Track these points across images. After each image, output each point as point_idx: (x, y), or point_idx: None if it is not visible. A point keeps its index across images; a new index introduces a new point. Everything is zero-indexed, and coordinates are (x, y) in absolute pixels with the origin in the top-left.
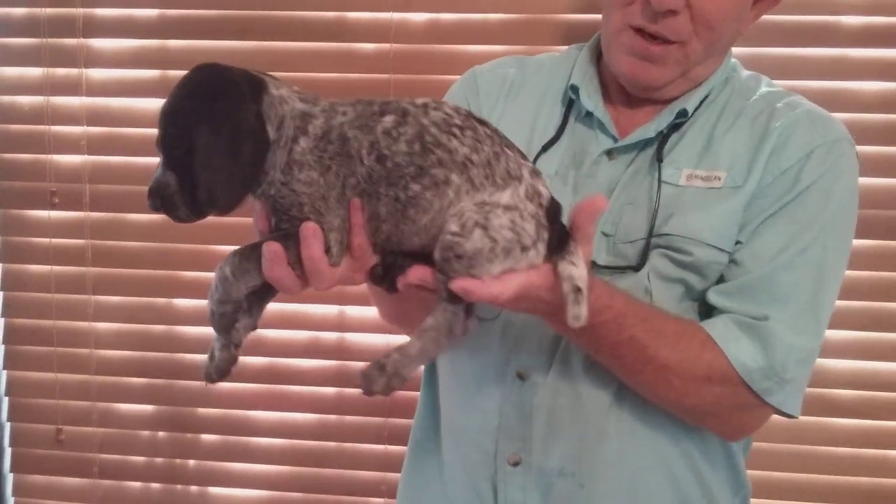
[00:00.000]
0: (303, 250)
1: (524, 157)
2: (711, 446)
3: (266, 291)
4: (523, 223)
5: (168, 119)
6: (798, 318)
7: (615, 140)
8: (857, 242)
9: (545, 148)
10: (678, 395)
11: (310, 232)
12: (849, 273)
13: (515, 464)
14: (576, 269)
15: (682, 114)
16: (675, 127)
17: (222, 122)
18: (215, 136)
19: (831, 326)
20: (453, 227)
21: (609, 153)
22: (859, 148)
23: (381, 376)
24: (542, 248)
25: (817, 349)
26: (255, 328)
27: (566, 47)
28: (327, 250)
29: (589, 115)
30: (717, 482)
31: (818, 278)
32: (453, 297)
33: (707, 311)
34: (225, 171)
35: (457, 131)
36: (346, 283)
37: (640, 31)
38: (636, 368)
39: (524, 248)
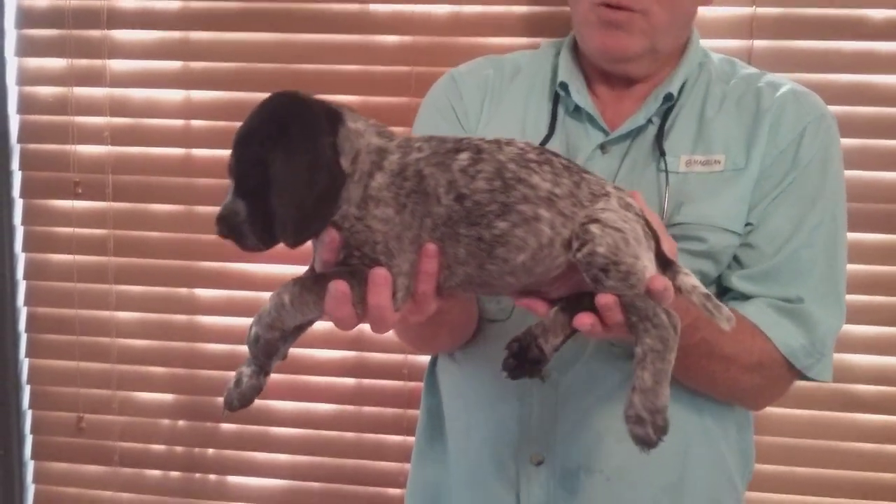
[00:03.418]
0: (370, 296)
1: (603, 179)
2: (729, 429)
3: (308, 322)
4: (631, 223)
5: (242, 146)
6: (825, 294)
7: (606, 133)
8: (884, 237)
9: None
10: (733, 382)
11: (381, 279)
12: (874, 268)
13: (539, 463)
14: (695, 280)
15: (668, 98)
16: (665, 116)
17: (299, 153)
18: (292, 167)
19: (854, 322)
20: (574, 244)
21: (602, 147)
22: (887, 142)
23: (644, 426)
24: (653, 255)
25: (844, 320)
26: (285, 357)
27: (544, 42)
28: (393, 295)
29: (577, 110)
30: (733, 463)
31: (833, 250)
32: (637, 314)
33: (719, 295)
34: (300, 203)
35: (535, 166)
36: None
37: (605, 6)
38: (700, 364)
39: (647, 247)
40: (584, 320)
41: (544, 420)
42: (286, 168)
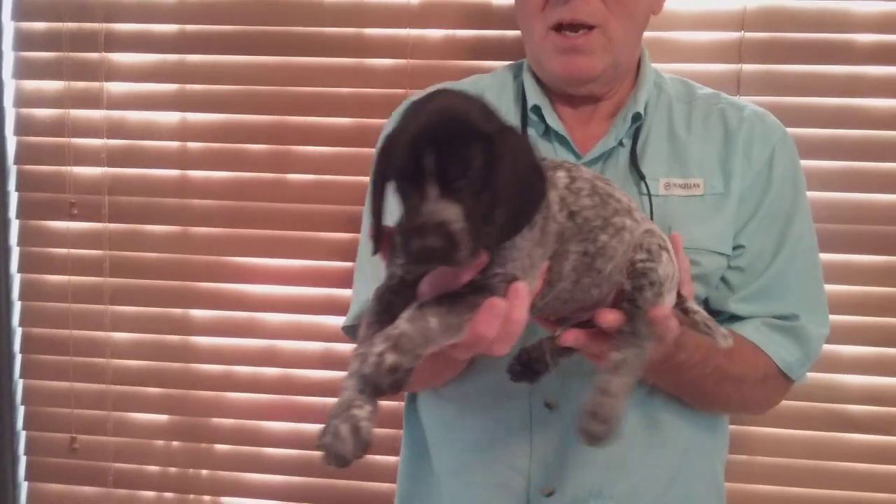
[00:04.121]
0: (514, 311)
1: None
2: (720, 442)
3: None
4: (674, 263)
5: (454, 144)
6: (813, 304)
7: (577, 156)
8: (873, 258)
9: None
10: (745, 398)
11: (524, 292)
12: (864, 289)
13: (550, 494)
14: (698, 307)
15: (636, 117)
16: (634, 136)
17: (525, 152)
18: (521, 168)
19: (845, 342)
20: (641, 254)
21: None
22: (874, 165)
23: (601, 424)
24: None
25: (828, 324)
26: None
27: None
28: None
29: (546, 134)
30: (721, 473)
31: (814, 259)
32: (633, 326)
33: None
34: (521, 206)
35: (610, 181)
36: None
37: (559, 29)
38: (716, 390)
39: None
40: (568, 336)
41: (556, 450)
42: (516, 168)
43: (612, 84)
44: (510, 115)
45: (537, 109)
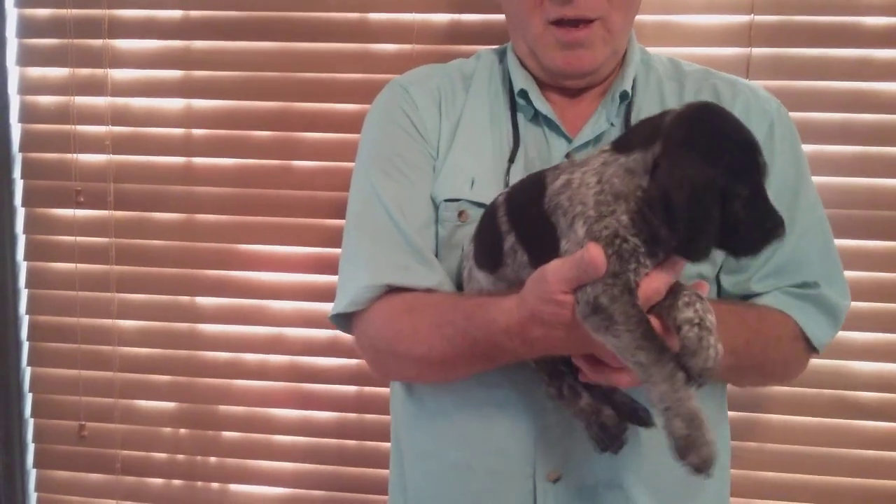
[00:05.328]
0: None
1: None
2: (725, 429)
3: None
4: None
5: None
6: (831, 273)
7: (568, 139)
8: (884, 244)
9: (512, 159)
10: (786, 359)
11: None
12: (874, 275)
13: (556, 480)
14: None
15: (624, 96)
16: (626, 116)
17: None
18: None
19: (856, 328)
20: None
21: (568, 156)
22: (886, 149)
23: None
24: None
25: (849, 294)
26: None
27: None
28: None
29: (535, 118)
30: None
31: (825, 227)
32: None
33: (717, 293)
34: None
35: None
36: None
37: (559, 23)
38: (760, 352)
39: None
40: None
41: (562, 436)
42: None
43: (605, 72)
44: (500, 100)
45: (524, 93)
